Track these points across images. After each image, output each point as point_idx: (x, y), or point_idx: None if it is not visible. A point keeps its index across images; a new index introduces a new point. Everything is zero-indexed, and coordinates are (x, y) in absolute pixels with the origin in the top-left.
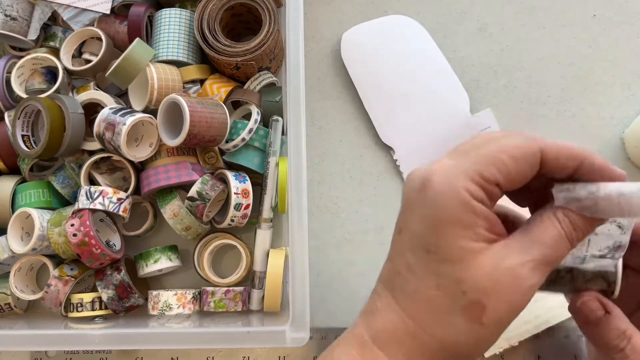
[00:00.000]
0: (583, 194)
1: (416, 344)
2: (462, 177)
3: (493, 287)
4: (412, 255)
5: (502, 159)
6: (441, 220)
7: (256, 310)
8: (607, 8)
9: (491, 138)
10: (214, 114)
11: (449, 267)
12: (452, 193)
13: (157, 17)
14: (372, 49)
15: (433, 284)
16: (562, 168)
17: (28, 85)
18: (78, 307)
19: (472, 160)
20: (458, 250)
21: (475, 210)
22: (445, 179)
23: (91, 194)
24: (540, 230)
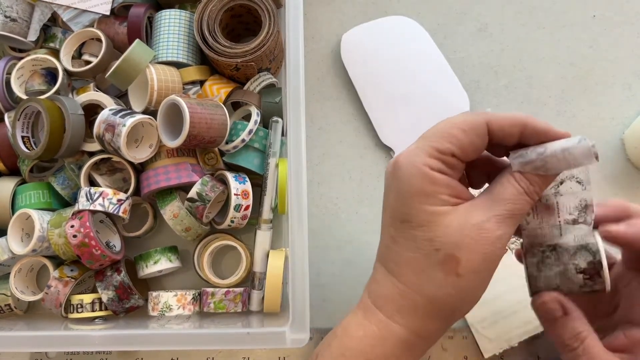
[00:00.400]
0: (533, 156)
1: (407, 302)
2: (421, 154)
3: (462, 240)
4: (393, 228)
5: (452, 132)
6: (409, 193)
7: (256, 311)
8: (607, 8)
9: (445, 119)
10: (214, 115)
11: (421, 230)
12: (414, 169)
13: (156, 18)
14: (372, 50)
15: (412, 248)
16: (509, 135)
17: (28, 87)
18: (78, 308)
19: (428, 139)
20: (426, 215)
21: (435, 179)
22: (408, 159)
23: (91, 195)
24: (501, 189)
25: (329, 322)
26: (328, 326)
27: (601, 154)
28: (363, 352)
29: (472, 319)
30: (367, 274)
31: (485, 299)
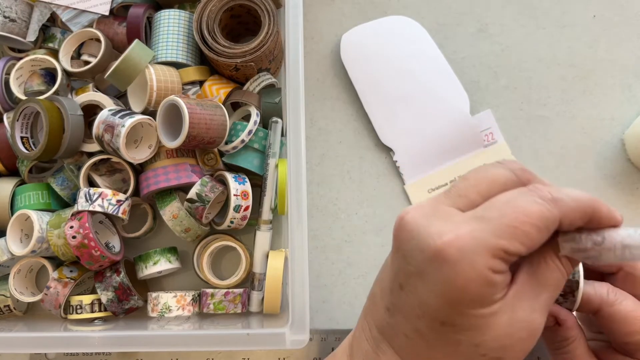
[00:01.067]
0: (588, 244)
1: None
2: (484, 253)
3: (510, 342)
4: (424, 324)
5: (526, 231)
6: (461, 299)
7: (256, 312)
8: (608, 9)
9: (507, 199)
10: (213, 115)
11: (466, 335)
12: (473, 272)
13: (156, 19)
14: (372, 50)
15: (450, 351)
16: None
17: (27, 87)
18: (77, 309)
19: (493, 231)
20: (475, 319)
21: (497, 284)
22: (465, 256)
23: (90, 196)
24: (547, 274)
25: (328, 323)
26: (328, 327)
27: (601, 154)
28: None
29: None
30: (367, 274)
31: None
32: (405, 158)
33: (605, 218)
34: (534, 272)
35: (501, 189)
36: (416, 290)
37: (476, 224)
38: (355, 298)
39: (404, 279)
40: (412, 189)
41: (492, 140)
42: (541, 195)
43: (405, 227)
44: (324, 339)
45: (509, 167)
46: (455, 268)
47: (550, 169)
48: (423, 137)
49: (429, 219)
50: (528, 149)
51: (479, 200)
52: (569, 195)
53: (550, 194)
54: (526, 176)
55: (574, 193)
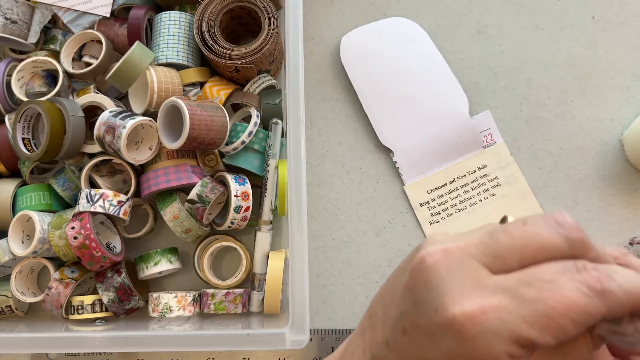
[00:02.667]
0: (629, 330)
1: None
2: (506, 339)
3: None
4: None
5: (563, 325)
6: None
7: (256, 312)
8: (607, 10)
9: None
10: (214, 116)
11: None
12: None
13: (156, 20)
14: (372, 52)
15: None
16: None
17: (28, 88)
18: (79, 309)
19: (524, 316)
20: None
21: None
22: (484, 337)
23: (91, 197)
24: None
25: (328, 323)
26: (328, 327)
27: (600, 155)
28: None
29: None
30: (367, 274)
31: None
32: (404, 159)
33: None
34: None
35: (547, 259)
36: (419, 345)
37: (506, 299)
38: (355, 298)
39: (409, 327)
40: (412, 189)
41: (491, 141)
42: (590, 283)
43: (424, 273)
44: (323, 339)
45: (566, 235)
46: (469, 345)
47: (549, 170)
48: (422, 138)
49: (453, 273)
50: (527, 150)
51: (516, 267)
52: (622, 286)
53: (600, 283)
54: (582, 250)
55: (627, 282)
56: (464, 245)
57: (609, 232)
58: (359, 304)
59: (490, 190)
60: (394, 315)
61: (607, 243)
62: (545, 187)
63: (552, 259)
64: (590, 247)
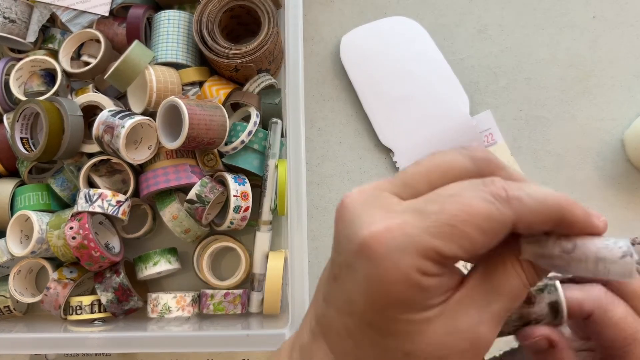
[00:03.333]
0: (556, 251)
1: None
2: (413, 253)
3: (447, 354)
4: (351, 323)
5: (467, 232)
6: (385, 302)
7: (256, 312)
8: (607, 9)
9: (452, 191)
10: (213, 116)
11: (394, 341)
12: (398, 274)
13: (156, 19)
14: (372, 51)
15: (377, 355)
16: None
17: (27, 88)
18: (77, 309)
19: (427, 228)
20: (405, 325)
21: (428, 288)
22: (391, 254)
23: (90, 197)
24: (503, 280)
25: None
26: None
27: (601, 155)
28: None
29: None
30: None
31: None
32: (405, 159)
33: (579, 224)
34: (488, 277)
35: (455, 180)
36: (345, 285)
37: (411, 217)
38: None
39: (336, 270)
40: None
41: (492, 141)
42: (494, 191)
43: (341, 213)
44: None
45: (470, 155)
46: (379, 265)
47: (549, 170)
48: (423, 138)
49: (366, 206)
50: (527, 150)
51: (426, 192)
52: (531, 194)
53: (505, 191)
54: (489, 168)
55: (538, 192)
56: (377, 183)
57: (610, 232)
58: None
59: None
60: (327, 270)
61: None
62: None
63: (460, 180)
64: (500, 167)
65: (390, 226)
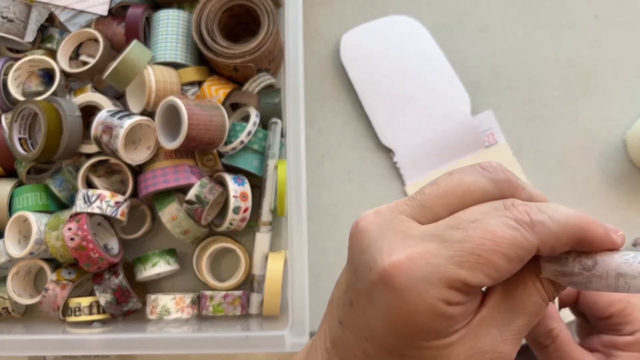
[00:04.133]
0: (576, 269)
1: None
2: (437, 284)
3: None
4: (371, 348)
5: (493, 261)
6: (409, 331)
7: (255, 314)
8: (609, 9)
9: (474, 216)
10: (213, 116)
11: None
12: (423, 305)
13: (154, 19)
14: (372, 51)
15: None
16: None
17: (25, 88)
18: (76, 311)
19: (451, 257)
20: (428, 352)
21: (453, 317)
22: (415, 285)
23: (89, 198)
24: (524, 298)
25: None
26: None
27: (603, 155)
28: None
29: None
30: None
31: None
32: (405, 159)
33: (598, 242)
34: (509, 295)
35: (474, 202)
36: (364, 311)
37: (433, 245)
38: None
39: (353, 296)
40: (413, 189)
41: (493, 141)
42: (517, 217)
43: (357, 237)
44: None
45: (491, 177)
46: (402, 297)
47: (551, 170)
48: (423, 138)
49: (383, 231)
50: (529, 150)
51: (444, 215)
52: (553, 217)
53: (529, 216)
54: (510, 190)
55: (559, 214)
56: (394, 204)
57: None
58: None
59: None
60: (342, 292)
61: None
62: (548, 187)
63: (480, 203)
64: (521, 188)
65: (412, 255)
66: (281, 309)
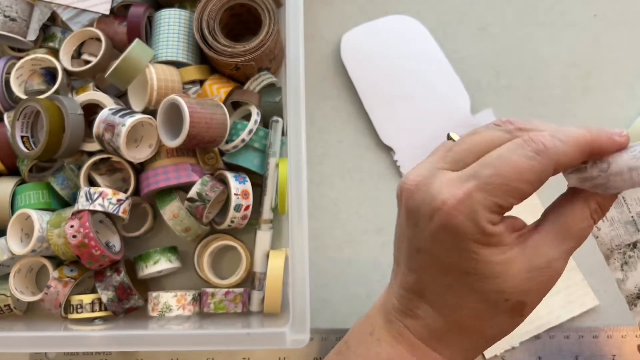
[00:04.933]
0: (595, 173)
1: (466, 342)
2: (481, 209)
3: (531, 287)
4: (447, 277)
5: (519, 188)
6: (472, 249)
7: (256, 311)
8: (609, 8)
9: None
10: (214, 114)
11: (489, 282)
12: (475, 228)
13: (156, 18)
14: (372, 50)
15: (476, 299)
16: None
17: (27, 86)
18: (78, 308)
19: (486, 189)
20: (492, 266)
21: (498, 233)
22: (465, 216)
23: (91, 195)
24: (573, 219)
25: (329, 322)
26: (328, 327)
27: None
28: None
29: None
30: (368, 274)
31: None
32: (405, 157)
33: (607, 146)
34: (562, 222)
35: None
36: (434, 251)
37: (472, 183)
38: (356, 297)
39: (419, 244)
40: None
41: None
42: (534, 147)
43: (410, 196)
44: (324, 339)
45: (505, 129)
46: (459, 226)
47: None
48: (424, 137)
49: (429, 185)
50: None
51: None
52: (563, 139)
53: (543, 145)
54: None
55: (568, 135)
56: (429, 162)
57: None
58: (360, 303)
59: None
60: (406, 247)
61: None
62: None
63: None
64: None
65: (459, 196)
66: (282, 306)
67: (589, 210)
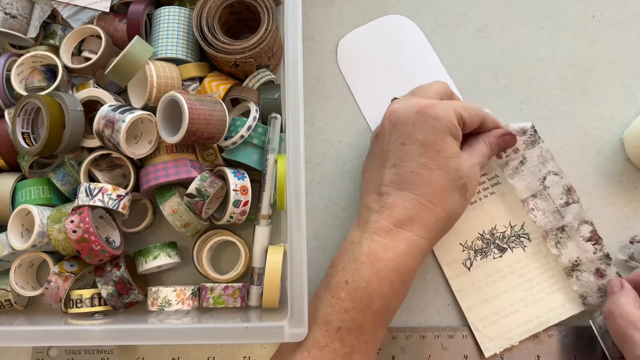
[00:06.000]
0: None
1: (432, 218)
2: (451, 111)
3: (470, 174)
4: (425, 157)
5: (468, 111)
6: (444, 132)
7: (255, 306)
8: (607, 8)
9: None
10: (213, 111)
11: (452, 160)
12: (449, 118)
13: (156, 15)
14: (368, 53)
15: (443, 174)
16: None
17: (28, 83)
18: (78, 303)
19: (453, 105)
20: (455, 150)
21: (459, 132)
22: (443, 110)
23: (91, 191)
24: (480, 146)
25: None
26: None
27: (601, 154)
28: (395, 269)
29: (472, 318)
30: None
31: (485, 298)
32: None
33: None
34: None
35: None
36: (417, 138)
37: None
38: None
39: (404, 138)
40: None
41: None
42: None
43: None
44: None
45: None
46: (439, 115)
47: None
48: None
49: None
50: None
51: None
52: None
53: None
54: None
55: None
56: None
57: (610, 230)
58: None
59: (490, 188)
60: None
61: (607, 242)
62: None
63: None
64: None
65: (436, 101)
66: (280, 301)
67: (485, 141)
